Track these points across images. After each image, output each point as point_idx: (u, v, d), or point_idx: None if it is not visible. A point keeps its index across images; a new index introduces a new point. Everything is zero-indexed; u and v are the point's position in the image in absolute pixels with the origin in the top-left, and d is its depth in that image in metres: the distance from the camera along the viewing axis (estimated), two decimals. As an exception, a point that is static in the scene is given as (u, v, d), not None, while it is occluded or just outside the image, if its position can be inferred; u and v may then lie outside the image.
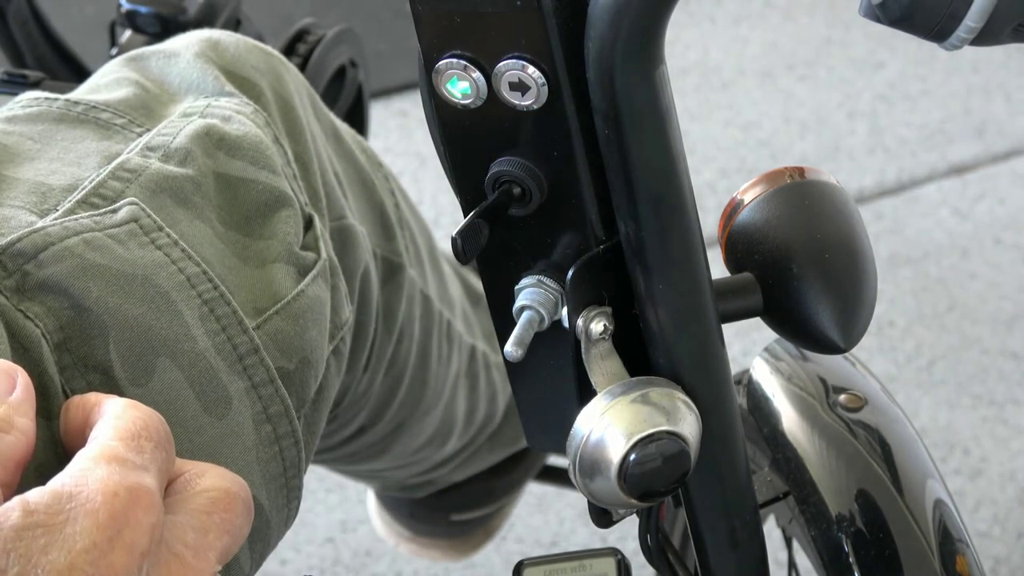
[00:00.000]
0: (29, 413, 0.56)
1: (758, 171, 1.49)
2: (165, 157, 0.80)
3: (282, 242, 0.81)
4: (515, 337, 0.62)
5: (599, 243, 0.62)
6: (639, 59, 0.56)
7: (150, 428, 0.56)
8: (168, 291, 0.74)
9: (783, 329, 0.68)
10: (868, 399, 0.86)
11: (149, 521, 0.52)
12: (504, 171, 0.61)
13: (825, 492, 0.81)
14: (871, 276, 0.68)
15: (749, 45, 2.45)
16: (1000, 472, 1.73)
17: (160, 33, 1.21)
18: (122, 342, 0.72)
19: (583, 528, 1.69)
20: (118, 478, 0.52)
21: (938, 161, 2.21)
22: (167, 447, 0.57)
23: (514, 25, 0.57)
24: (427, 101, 0.62)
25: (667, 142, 0.59)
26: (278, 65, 0.92)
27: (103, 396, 0.60)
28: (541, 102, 0.59)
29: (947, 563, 0.77)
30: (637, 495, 0.61)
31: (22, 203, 0.75)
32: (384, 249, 0.99)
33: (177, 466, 0.58)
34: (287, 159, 0.85)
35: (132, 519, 0.51)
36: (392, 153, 2.23)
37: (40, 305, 0.71)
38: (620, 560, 0.73)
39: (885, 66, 2.38)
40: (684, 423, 0.62)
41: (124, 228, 0.74)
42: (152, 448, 0.55)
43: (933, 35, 0.54)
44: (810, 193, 0.69)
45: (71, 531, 0.50)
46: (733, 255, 0.69)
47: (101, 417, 0.58)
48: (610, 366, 0.63)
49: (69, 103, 0.83)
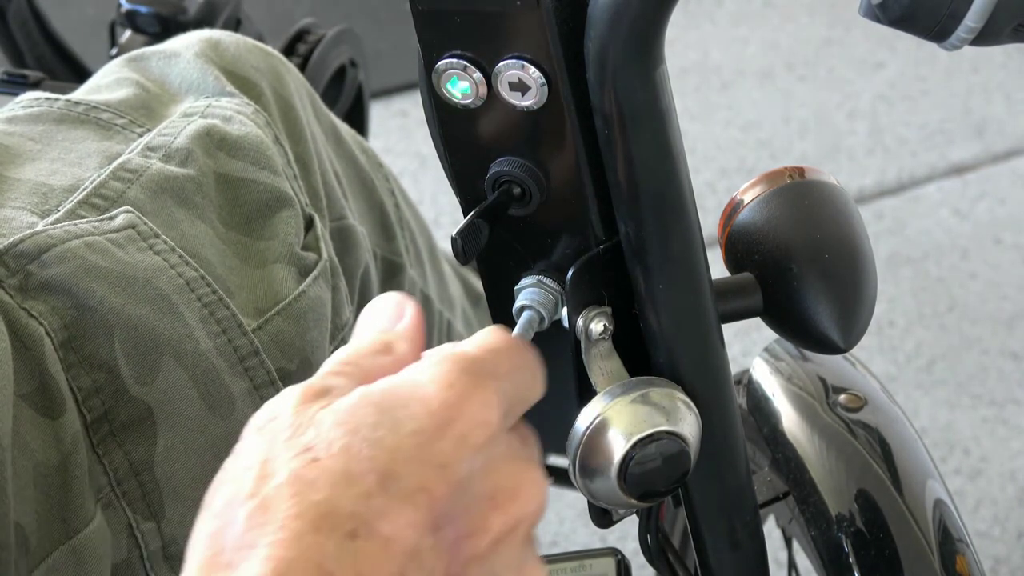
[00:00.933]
0: (414, 340, 0.55)
1: (758, 171, 1.49)
2: (166, 157, 0.80)
3: (283, 243, 0.81)
4: (515, 335, 0.62)
5: (599, 243, 0.62)
6: (639, 59, 0.56)
7: (513, 349, 0.54)
8: (169, 294, 0.74)
9: (783, 329, 0.68)
10: (868, 399, 0.86)
11: (483, 417, 0.50)
12: (504, 171, 0.61)
13: (825, 492, 0.81)
14: (871, 276, 0.68)
15: (749, 45, 2.45)
16: (1000, 472, 1.73)
17: (160, 33, 1.21)
18: (127, 341, 0.72)
19: (583, 528, 1.69)
20: (458, 373, 0.51)
21: (938, 161, 2.21)
22: (527, 381, 0.54)
23: (514, 25, 0.57)
24: (427, 101, 0.62)
25: (667, 142, 0.59)
26: (278, 65, 0.92)
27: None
28: (541, 102, 0.58)
29: (947, 563, 0.77)
30: (637, 495, 0.61)
31: (23, 204, 0.75)
32: (384, 249, 0.99)
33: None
34: (287, 159, 0.86)
35: (465, 412, 0.50)
36: (392, 153, 2.23)
37: (44, 304, 0.71)
38: (620, 560, 0.73)
39: (885, 66, 2.38)
40: (684, 423, 0.62)
41: (122, 234, 0.75)
42: (509, 368, 0.53)
43: (933, 35, 0.54)
44: (810, 193, 0.69)
45: (402, 414, 0.49)
46: (733, 255, 0.69)
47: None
48: (610, 366, 0.63)
49: (70, 103, 0.83)
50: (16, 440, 0.68)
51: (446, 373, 0.51)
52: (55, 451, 0.70)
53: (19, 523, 0.67)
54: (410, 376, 0.51)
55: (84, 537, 0.71)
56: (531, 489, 0.51)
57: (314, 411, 0.49)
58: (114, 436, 0.73)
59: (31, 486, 0.68)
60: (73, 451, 0.71)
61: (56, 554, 0.70)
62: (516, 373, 0.53)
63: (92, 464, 0.72)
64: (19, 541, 0.67)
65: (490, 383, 0.51)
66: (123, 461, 0.73)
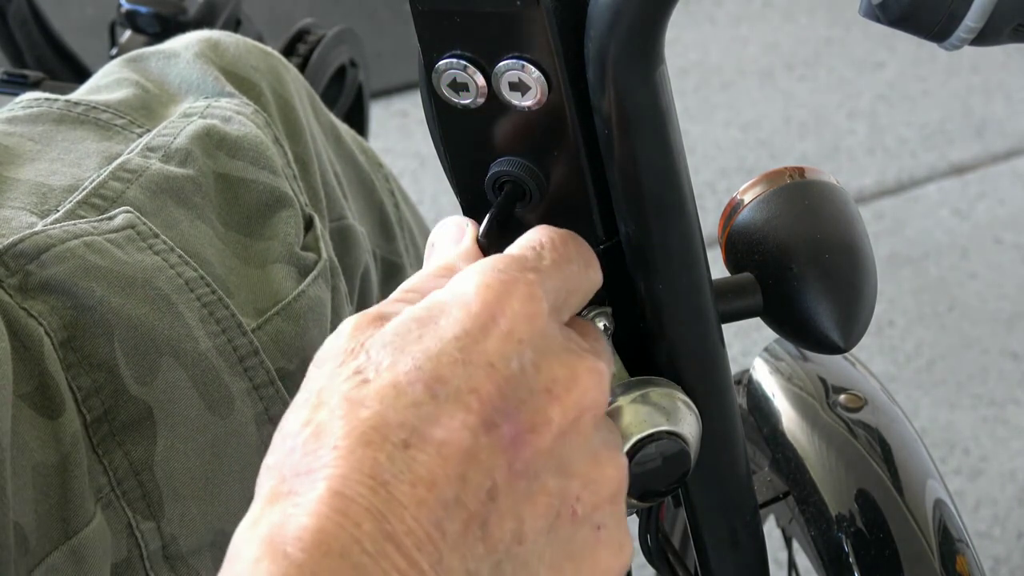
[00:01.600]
0: (473, 259, 0.55)
1: (758, 171, 1.49)
2: (166, 158, 0.80)
3: (283, 243, 0.81)
4: None
5: (599, 243, 0.62)
6: (639, 59, 0.56)
7: (557, 242, 0.55)
8: (168, 294, 0.74)
9: (783, 329, 0.68)
10: (868, 399, 0.86)
11: (527, 311, 0.50)
12: (504, 171, 0.61)
13: (825, 492, 0.81)
14: (871, 276, 0.68)
15: (749, 45, 2.45)
16: (1000, 472, 1.73)
17: (160, 33, 1.21)
18: (126, 341, 0.72)
19: (583, 528, 1.69)
20: (497, 273, 0.51)
21: (938, 161, 2.21)
22: (577, 272, 0.55)
23: (514, 25, 0.57)
24: (427, 101, 0.62)
25: (667, 142, 0.59)
26: (278, 65, 0.92)
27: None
28: (541, 102, 0.58)
29: (947, 563, 0.77)
30: (637, 495, 0.61)
31: (23, 204, 0.75)
32: (384, 249, 0.99)
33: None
34: (287, 160, 0.86)
35: (507, 308, 0.50)
36: (392, 153, 2.23)
37: (43, 304, 0.71)
38: (620, 560, 0.73)
39: (885, 66, 2.38)
40: (684, 423, 0.62)
41: (122, 234, 0.75)
42: (555, 260, 0.54)
43: (933, 35, 0.54)
44: (810, 193, 0.69)
45: (444, 322, 0.50)
46: (733, 255, 0.69)
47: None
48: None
49: (69, 104, 0.83)
50: (15, 440, 0.68)
51: (486, 274, 0.51)
52: (54, 451, 0.70)
53: (18, 523, 0.67)
54: (453, 286, 0.51)
55: (83, 537, 0.70)
56: (589, 377, 0.51)
57: (366, 337, 0.50)
58: (114, 436, 0.73)
59: (30, 486, 0.68)
60: (72, 451, 0.71)
61: (56, 554, 0.70)
62: (564, 265, 0.54)
63: (92, 464, 0.72)
64: (18, 541, 0.67)
65: (532, 276, 0.52)
66: (123, 461, 0.73)
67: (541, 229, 0.55)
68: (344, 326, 0.51)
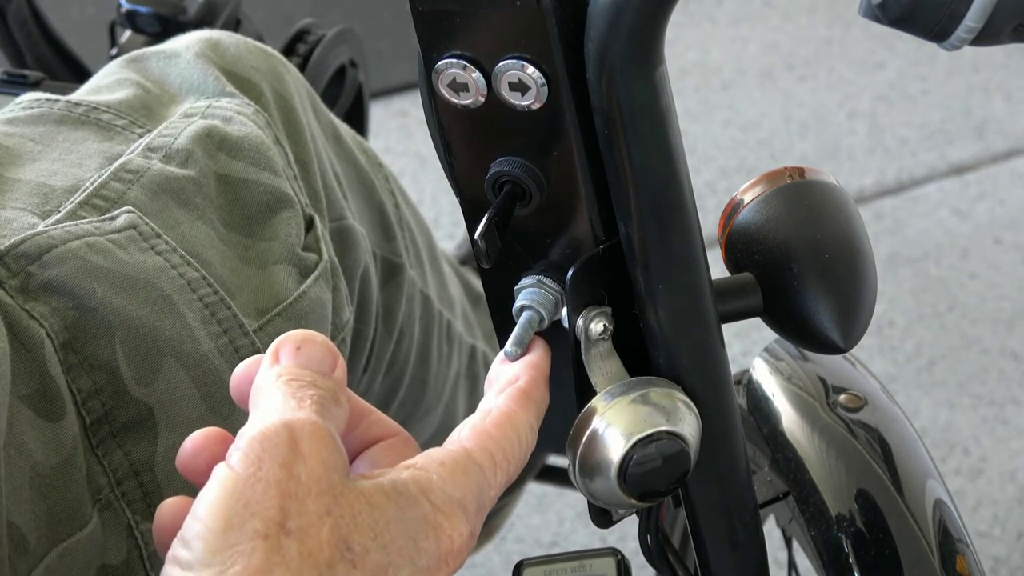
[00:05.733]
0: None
1: (758, 171, 1.49)
2: (166, 158, 0.80)
3: (284, 243, 0.81)
4: (515, 337, 0.62)
5: (599, 243, 0.62)
6: (639, 59, 0.56)
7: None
8: (170, 294, 0.74)
9: (783, 329, 0.68)
10: (868, 399, 0.86)
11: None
12: (504, 171, 0.61)
13: (825, 492, 0.81)
14: (871, 276, 0.68)
15: (749, 45, 2.45)
16: (1000, 472, 1.73)
17: (160, 33, 1.21)
18: (128, 342, 0.72)
19: (583, 528, 1.69)
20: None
21: (938, 161, 2.21)
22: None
23: (514, 25, 0.57)
24: (427, 101, 0.62)
25: (667, 142, 0.59)
26: (278, 65, 0.92)
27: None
28: (541, 102, 0.59)
29: (947, 563, 0.77)
30: (637, 495, 0.62)
31: (24, 205, 0.75)
32: (384, 250, 0.99)
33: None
34: (288, 160, 0.86)
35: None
36: (392, 153, 2.23)
37: (45, 305, 0.71)
38: (620, 560, 0.73)
39: (885, 66, 2.38)
40: (684, 423, 0.62)
41: (124, 234, 0.75)
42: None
43: (933, 35, 0.54)
44: (810, 193, 0.69)
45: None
46: (733, 255, 0.69)
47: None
48: (610, 366, 0.63)
49: (70, 104, 0.83)
50: (13, 440, 0.67)
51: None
52: (54, 454, 0.70)
53: (14, 523, 0.67)
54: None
55: (76, 540, 0.70)
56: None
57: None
58: (114, 437, 0.73)
59: (26, 487, 0.68)
60: (73, 454, 0.71)
61: (53, 554, 0.70)
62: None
63: (91, 465, 0.72)
64: (16, 541, 0.67)
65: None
66: (123, 462, 0.73)
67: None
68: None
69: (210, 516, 0.52)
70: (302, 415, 0.54)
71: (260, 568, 0.51)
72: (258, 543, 0.51)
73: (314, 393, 0.56)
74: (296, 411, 0.55)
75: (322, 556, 0.52)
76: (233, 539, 0.51)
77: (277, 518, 0.52)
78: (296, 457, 0.53)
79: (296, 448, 0.53)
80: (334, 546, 0.52)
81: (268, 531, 0.51)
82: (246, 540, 0.51)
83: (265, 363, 0.58)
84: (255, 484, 0.52)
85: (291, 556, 0.51)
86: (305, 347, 0.58)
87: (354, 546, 0.53)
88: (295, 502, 0.52)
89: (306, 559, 0.51)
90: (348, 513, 0.53)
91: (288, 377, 0.57)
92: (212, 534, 0.52)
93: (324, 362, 0.58)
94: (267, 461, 0.53)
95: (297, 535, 0.52)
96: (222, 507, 0.52)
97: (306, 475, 0.53)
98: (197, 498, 0.53)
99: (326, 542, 0.52)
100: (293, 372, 0.57)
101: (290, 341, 0.58)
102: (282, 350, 0.58)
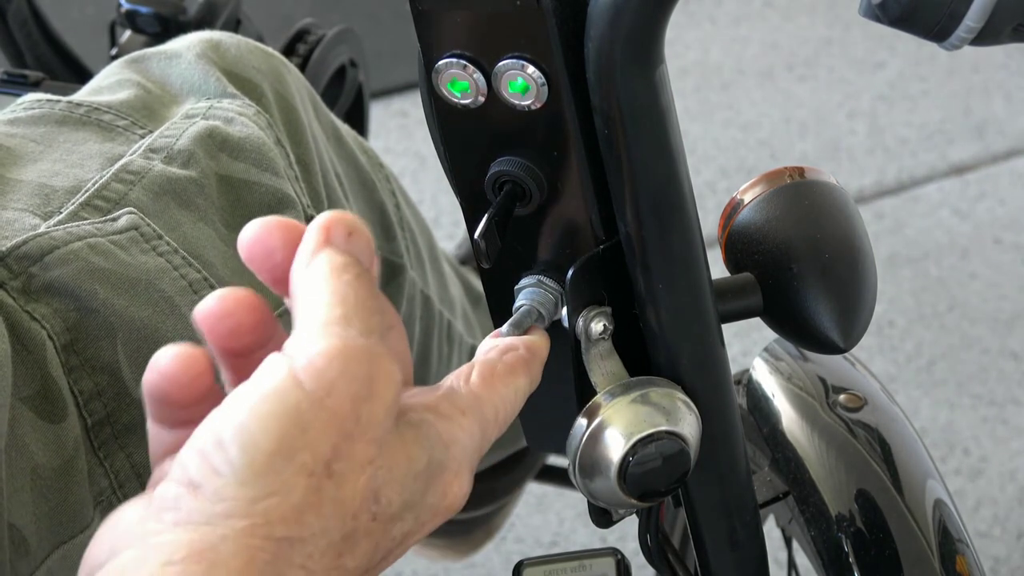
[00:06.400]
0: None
1: (758, 171, 1.49)
2: (168, 159, 0.80)
3: (284, 243, 0.81)
4: (514, 320, 0.61)
5: (599, 243, 0.62)
6: (639, 59, 0.56)
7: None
8: (172, 295, 0.74)
9: (783, 329, 0.68)
10: (868, 399, 0.86)
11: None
12: (504, 171, 0.61)
13: (825, 492, 0.81)
14: (871, 276, 0.68)
15: (749, 45, 2.45)
16: (1000, 472, 1.73)
17: (160, 33, 1.21)
18: (129, 343, 0.72)
19: (583, 528, 1.69)
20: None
21: (938, 161, 2.21)
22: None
23: (514, 25, 0.57)
24: (427, 101, 0.62)
25: (667, 142, 0.59)
26: (279, 66, 0.92)
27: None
28: (541, 102, 0.59)
29: (947, 563, 0.77)
30: (637, 495, 0.62)
31: (25, 205, 0.75)
32: (385, 250, 0.99)
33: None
34: (289, 161, 0.86)
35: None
36: (392, 153, 2.23)
37: (46, 307, 0.71)
38: (620, 560, 0.73)
39: (885, 66, 2.39)
40: (684, 423, 0.62)
41: (125, 235, 0.75)
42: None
43: (933, 35, 0.54)
44: (810, 193, 0.69)
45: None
46: (733, 255, 0.69)
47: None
48: (610, 366, 0.63)
49: (71, 105, 0.83)
50: (14, 442, 0.67)
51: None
52: (55, 455, 0.70)
53: (14, 525, 0.67)
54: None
55: (77, 542, 0.71)
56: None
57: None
58: (116, 439, 0.73)
59: (28, 489, 0.68)
60: (74, 456, 0.71)
61: (54, 556, 0.70)
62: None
63: (93, 467, 0.72)
64: (16, 543, 0.67)
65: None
66: (125, 463, 0.73)
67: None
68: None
69: (263, 430, 0.46)
70: (380, 346, 0.49)
71: (295, 508, 0.46)
72: (301, 480, 0.46)
73: (380, 306, 0.50)
74: (372, 334, 0.49)
75: (351, 506, 0.48)
76: (279, 465, 0.46)
77: (326, 456, 0.47)
78: (369, 395, 0.48)
79: (372, 385, 0.48)
80: (365, 497, 0.48)
81: (314, 468, 0.46)
82: (291, 472, 0.46)
83: (312, 242, 0.51)
84: (319, 411, 0.47)
85: (325, 500, 0.47)
86: (356, 236, 0.51)
87: (381, 499, 0.49)
88: (348, 443, 0.47)
89: (337, 506, 0.47)
90: (388, 464, 0.49)
91: (356, 272, 0.50)
92: (261, 452, 0.46)
93: (368, 258, 0.51)
94: (340, 389, 0.47)
95: (338, 479, 0.47)
96: (279, 425, 0.46)
97: (367, 416, 0.48)
98: (244, 393, 0.47)
99: (360, 492, 0.48)
100: (358, 268, 0.50)
101: (342, 223, 0.51)
102: (335, 231, 0.51)
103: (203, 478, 0.47)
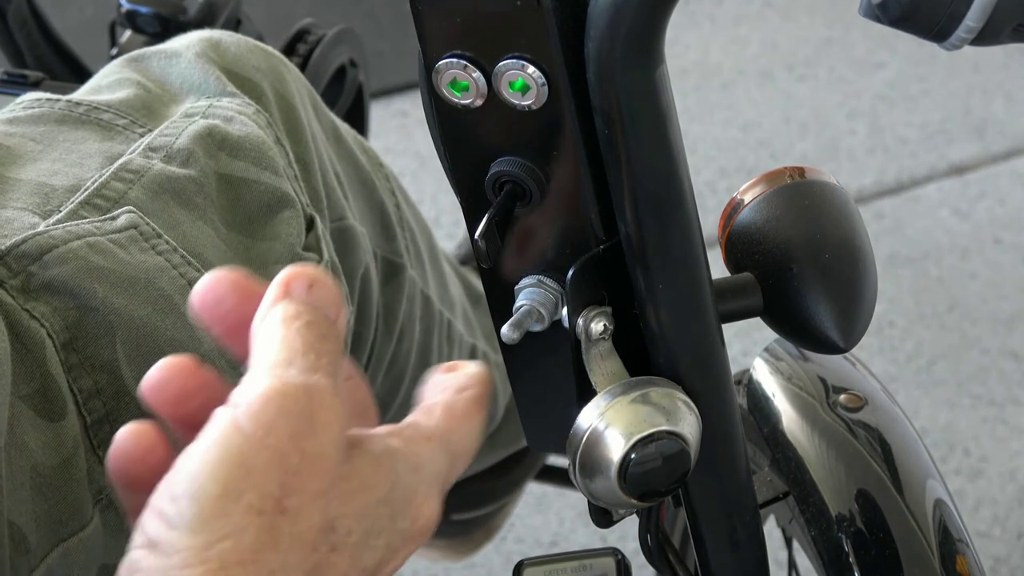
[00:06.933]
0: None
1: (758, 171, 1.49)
2: (167, 158, 0.80)
3: (284, 243, 0.81)
4: (514, 320, 0.61)
5: (599, 243, 0.62)
6: (639, 59, 0.56)
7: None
8: (171, 294, 0.74)
9: (783, 329, 0.68)
10: (868, 399, 0.86)
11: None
12: (504, 171, 0.61)
13: (825, 492, 0.81)
14: (871, 276, 0.68)
15: (749, 45, 2.45)
16: (1000, 472, 1.73)
17: (160, 33, 1.21)
18: (129, 342, 0.72)
19: (583, 528, 1.69)
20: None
21: (938, 161, 2.21)
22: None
23: (514, 25, 0.57)
24: (427, 101, 0.62)
25: (667, 142, 0.59)
26: (279, 65, 0.92)
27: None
28: (541, 102, 0.59)
29: (947, 563, 0.77)
30: (637, 495, 0.62)
31: (25, 204, 0.75)
32: (385, 250, 0.99)
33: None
34: (288, 160, 0.86)
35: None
36: (392, 153, 2.23)
37: (46, 305, 0.71)
38: (620, 560, 0.73)
39: (885, 66, 2.38)
40: (684, 423, 0.62)
41: (125, 234, 0.75)
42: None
43: (933, 35, 0.54)
44: (810, 193, 0.69)
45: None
46: (733, 255, 0.69)
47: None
48: (610, 366, 0.63)
49: (71, 104, 0.83)
50: (14, 440, 0.68)
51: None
52: (55, 454, 0.70)
53: (14, 523, 0.67)
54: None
55: (77, 540, 0.71)
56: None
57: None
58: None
59: (27, 487, 0.68)
60: (74, 454, 0.71)
61: (54, 553, 0.70)
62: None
63: (92, 465, 0.72)
64: (16, 541, 0.67)
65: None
66: (124, 462, 0.73)
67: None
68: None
69: (208, 476, 0.47)
70: (322, 381, 0.49)
71: (250, 548, 0.47)
72: (252, 519, 0.47)
73: (331, 349, 0.51)
74: (314, 372, 0.49)
75: (309, 539, 0.48)
76: (227, 508, 0.47)
77: (275, 494, 0.47)
78: (310, 430, 0.48)
79: (312, 420, 0.48)
80: (320, 529, 0.48)
81: (263, 507, 0.47)
82: (240, 513, 0.47)
83: (271, 296, 0.52)
84: (261, 451, 0.47)
85: (281, 537, 0.47)
86: (317, 287, 0.52)
87: (339, 528, 0.49)
88: (296, 478, 0.48)
89: (294, 541, 0.47)
90: (342, 494, 0.49)
91: (307, 319, 0.51)
92: (207, 498, 0.47)
93: (332, 309, 0.52)
94: (279, 428, 0.48)
95: (291, 515, 0.47)
96: (222, 469, 0.47)
97: (313, 450, 0.48)
98: (191, 449, 0.48)
99: (316, 525, 0.48)
100: (311, 316, 0.51)
101: (303, 277, 0.52)
102: (294, 284, 0.52)
103: (159, 534, 0.48)
